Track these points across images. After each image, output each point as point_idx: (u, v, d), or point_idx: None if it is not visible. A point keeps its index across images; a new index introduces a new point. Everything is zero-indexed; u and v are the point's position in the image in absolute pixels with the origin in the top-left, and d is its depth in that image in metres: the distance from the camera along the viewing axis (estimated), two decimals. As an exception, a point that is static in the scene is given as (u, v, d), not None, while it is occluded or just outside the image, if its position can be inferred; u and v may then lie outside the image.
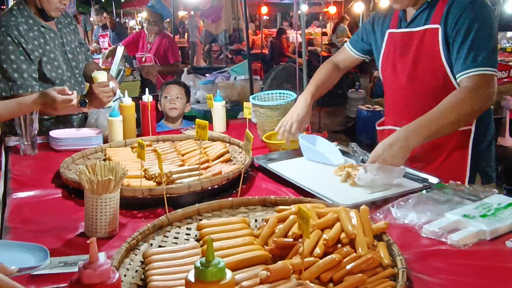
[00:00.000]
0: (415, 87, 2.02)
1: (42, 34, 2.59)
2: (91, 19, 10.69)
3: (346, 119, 7.80)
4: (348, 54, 2.39)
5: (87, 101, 2.35)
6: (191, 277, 0.82)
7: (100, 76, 2.43)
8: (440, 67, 1.93)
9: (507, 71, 6.54)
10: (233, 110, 4.46)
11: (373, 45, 2.26)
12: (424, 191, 1.70)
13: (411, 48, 2.02)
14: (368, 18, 2.34)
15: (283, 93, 2.65)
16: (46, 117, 2.63)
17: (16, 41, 2.48)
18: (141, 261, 1.31)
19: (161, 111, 3.20)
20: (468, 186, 1.72)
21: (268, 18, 17.23)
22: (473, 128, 1.98)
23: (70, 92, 2.17)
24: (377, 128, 2.33)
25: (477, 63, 1.83)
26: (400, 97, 2.11)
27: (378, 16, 2.25)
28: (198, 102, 4.86)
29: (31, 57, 2.52)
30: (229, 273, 0.83)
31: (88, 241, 0.80)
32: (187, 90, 3.27)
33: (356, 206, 1.43)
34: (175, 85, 3.25)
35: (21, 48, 2.49)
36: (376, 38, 2.23)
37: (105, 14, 8.55)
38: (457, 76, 1.88)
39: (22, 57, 2.50)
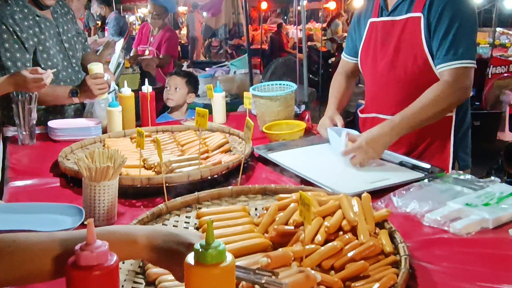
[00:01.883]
0: (396, 74, 2.03)
1: (37, 23, 2.58)
2: (92, 11, 10.63)
3: (346, 113, 7.74)
4: (346, 62, 2.39)
5: (78, 91, 2.34)
6: (191, 260, 0.80)
7: (95, 67, 2.44)
8: (421, 55, 1.95)
9: (507, 66, 6.53)
10: (233, 103, 4.44)
11: (358, 39, 2.26)
12: (425, 180, 1.68)
13: (393, 36, 2.04)
14: (352, 19, 2.36)
15: (283, 84, 2.63)
16: (40, 107, 2.62)
17: (11, 29, 2.47)
18: (139, 249, 1.29)
19: None
20: (469, 176, 1.70)
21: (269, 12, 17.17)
22: (453, 115, 2.02)
23: (42, 72, 2.17)
24: (360, 115, 2.33)
25: (457, 56, 1.88)
26: (382, 85, 2.11)
27: (358, 12, 2.28)
28: (198, 96, 4.84)
29: (26, 46, 2.51)
30: (229, 256, 0.81)
31: (85, 222, 0.78)
32: (189, 80, 3.27)
33: (358, 195, 1.42)
34: (175, 75, 3.26)
35: (15, 37, 2.49)
36: (360, 31, 2.24)
37: (105, 7, 8.50)
38: (437, 67, 1.92)
39: (17, 46, 2.49)
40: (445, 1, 1.91)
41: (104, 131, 2.46)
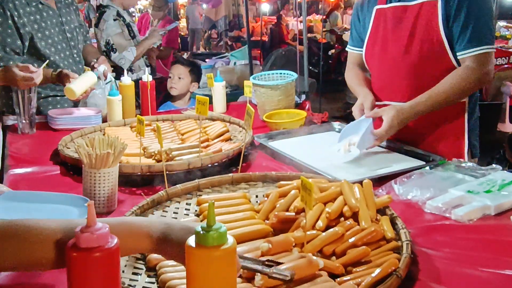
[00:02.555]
0: (410, 59, 1.99)
1: (39, 11, 2.58)
2: (92, 2, 10.57)
3: (345, 105, 7.76)
4: (354, 55, 2.30)
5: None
6: (192, 242, 0.80)
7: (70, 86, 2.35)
8: (438, 40, 1.92)
9: (507, 58, 6.50)
10: (233, 94, 4.43)
11: (362, 28, 2.21)
12: (427, 168, 1.68)
13: (407, 21, 1.99)
14: (354, 9, 2.29)
15: (284, 73, 2.62)
16: (40, 95, 2.61)
17: (8, 13, 2.48)
18: (140, 235, 1.29)
19: None
20: (471, 163, 1.69)
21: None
22: (466, 102, 2.00)
23: (34, 70, 2.17)
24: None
25: (479, 42, 1.88)
26: (393, 71, 2.06)
27: (361, 1, 2.22)
28: (198, 86, 4.84)
29: (21, 32, 2.52)
30: (230, 239, 0.81)
31: (86, 204, 0.78)
32: (193, 69, 3.27)
33: (359, 182, 1.41)
34: (178, 64, 3.28)
35: (10, 22, 2.50)
36: (364, 21, 2.18)
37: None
38: (459, 54, 1.91)
39: (10, 31, 2.50)
40: None
41: (104, 120, 2.45)
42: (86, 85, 2.38)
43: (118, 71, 3.47)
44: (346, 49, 2.37)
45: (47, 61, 2.39)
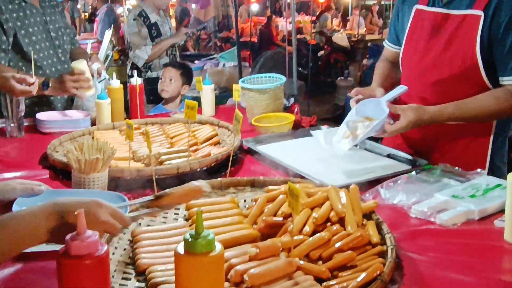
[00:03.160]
0: (439, 74, 1.89)
1: (22, 8, 2.60)
2: (78, 5, 10.54)
3: (334, 107, 7.81)
4: (387, 50, 2.24)
5: (50, 84, 2.34)
6: (180, 249, 0.81)
7: (78, 65, 2.41)
8: (471, 58, 1.80)
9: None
10: (222, 96, 4.45)
11: (400, 26, 2.09)
12: (413, 173, 1.71)
13: (446, 31, 1.86)
14: (396, 2, 2.16)
15: (272, 77, 2.63)
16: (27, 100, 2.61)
17: None
18: (129, 240, 1.30)
19: None
20: (456, 168, 1.72)
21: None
22: (494, 122, 1.90)
23: (32, 81, 2.17)
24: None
25: None
26: (422, 81, 1.96)
27: None
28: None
29: (4, 27, 2.52)
30: (218, 246, 0.83)
31: (75, 213, 0.79)
32: (184, 72, 3.29)
33: (346, 186, 1.43)
34: (170, 67, 3.30)
35: None
36: (403, 15, 2.06)
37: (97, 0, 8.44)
38: (502, 79, 1.78)
39: None
40: None
41: (93, 123, 2.45)
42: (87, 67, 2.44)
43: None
44: (384, 42, 2.29)
45: (43, 79, 2.38)
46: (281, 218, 1.32)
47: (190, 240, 0.80)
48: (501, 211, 1.39)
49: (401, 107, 1.77)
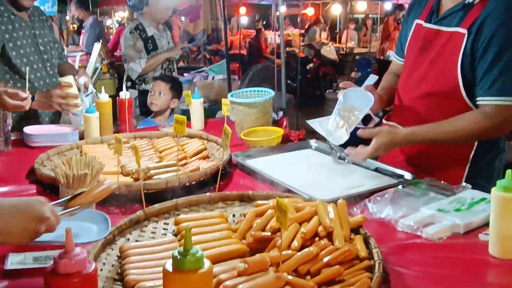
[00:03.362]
0: (424, 88, 1.92)
1: (11, 21, 2.62)
2: (67, 17, 10.52)
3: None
4: (394, 62, 2.24)
5: (35, 97, 2.34)
6: (169, 266, 0.82)
7: (65, 80, 2.42)
8: (452, 75, 1.81)
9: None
10: (211, 109, 4.46)
11: (404, 39, 2.10)
12: (400, 187, 1.72)
13: (434, 47, 1.89)
14: (406, 12, 2.17)
15: (261, 91, 2.65)
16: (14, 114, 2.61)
17: None
18: (117, 256, 1.30)
19: None
20: (442, 182, 1.75)
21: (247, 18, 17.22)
22: (475, 144, 1.88)
23: (24, 95, 2.18)
24: (384, 122, 2.16)
25: (503, 92, 1.73)
26: (410, 96, 1.99)
27: (411, 4, 2.11)
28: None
29: None
30: (207, 263, 0.83)
31: (65, 229, 0.79)
32: (173, 85, 3.31)
33: (334, 201, 1.44)
34: (160, 80, 3.32)
35: None
36: (407, 28, 2.08)
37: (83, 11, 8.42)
38: (478, 99, 1.78)
39: None
40: (497, 24, 1.71)
41: (81, 136, 2.45)
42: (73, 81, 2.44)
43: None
44: (392, 54, 2.32)
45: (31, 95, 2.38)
46: (269, 233, 1.33)
47: (178, 257, 0.81)
48: (486, 225, 1.41)
49: (373, 132, 1.82)
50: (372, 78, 2.05)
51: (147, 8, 4.05)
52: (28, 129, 2.43)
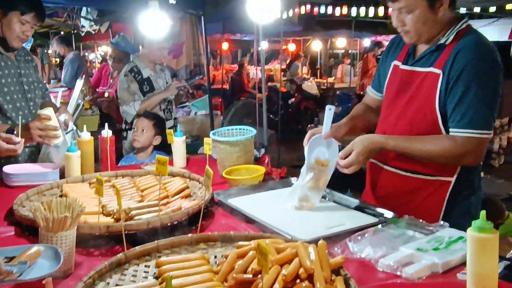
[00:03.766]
0: (403, 127, 1.99)
1: None
2: (49, 51, 10.52)
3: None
4: (371, 97, 2.32)
5: (14, 131, 2.34)
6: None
7: (44, 112, 2.42)
8: (431, 113, 1.90)
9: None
10: (193, 145, 4.48)
11: (382, 76, 2.20)
12: (379, 226, 1.75)
13: (411, 87, 1.98)
14: (385, 50, 2.25)
15: (243, 129, 2.68)
16: None
17: None
18: (97, 301, 1.28)
19: None
20: (421, 220, 1.77)
21: (229, 53, 17.45)
22: (453, 180, 1.95)
23: (17, 140, 2.19)
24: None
25: (471, 124, 1.81)
26: (393, 131, 2.05)
27: (390, 45, 2.21)
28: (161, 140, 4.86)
29: None
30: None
31: (43, 282, 0.79)
32: (156, 122, 3.33)
33: (315, 241, 1.45)
34: (143, 117, 3.35)
35: None
36: (385, 67, 2.18)
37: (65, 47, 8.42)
38: (451, 131, 1.87)
39: None
40: (466, 61, 1.81)
41: (62, 174, 2.43)
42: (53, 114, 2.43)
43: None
44: (367, 88, 2.39)
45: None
46: (251, 275, 1.33)
47: (159, 306, 0.81)
48: (464, 264, 1.43)
49: (346, 150, 1.93)
50: (328, 112, 2.13)
51: (143, 49, 4.06)
52: (7, 169, 2.41)
